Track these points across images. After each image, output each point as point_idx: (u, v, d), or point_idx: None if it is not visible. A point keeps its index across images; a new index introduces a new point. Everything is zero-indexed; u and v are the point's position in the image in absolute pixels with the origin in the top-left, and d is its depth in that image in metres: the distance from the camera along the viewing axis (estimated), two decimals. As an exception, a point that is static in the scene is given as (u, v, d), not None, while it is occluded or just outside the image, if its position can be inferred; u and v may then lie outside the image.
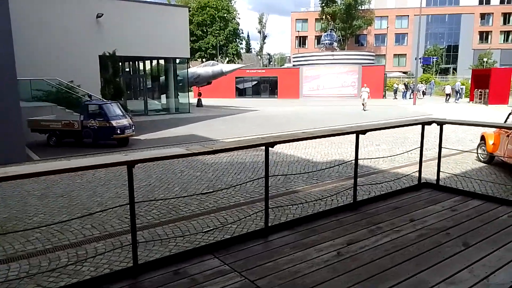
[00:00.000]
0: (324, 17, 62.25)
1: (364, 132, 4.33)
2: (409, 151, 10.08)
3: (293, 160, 10.01)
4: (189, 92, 29.57)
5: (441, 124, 4.90)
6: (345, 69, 37.64)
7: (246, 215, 6.06)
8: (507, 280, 2.62)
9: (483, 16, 65.81)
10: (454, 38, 68.00)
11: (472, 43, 66.24)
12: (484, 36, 66.31)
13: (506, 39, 65.59)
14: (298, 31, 67.02)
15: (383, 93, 37.26)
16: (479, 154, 9.65)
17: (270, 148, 3.50)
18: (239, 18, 65.81)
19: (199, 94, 29.90)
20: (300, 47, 66.26)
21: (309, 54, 43.59)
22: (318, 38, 68.19)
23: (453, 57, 68.30)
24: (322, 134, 4.08)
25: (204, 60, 51.18)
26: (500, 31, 65.35)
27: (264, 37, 72.96)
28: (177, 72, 27.45)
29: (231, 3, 65.65)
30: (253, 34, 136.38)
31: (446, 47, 67.60)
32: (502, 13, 64.94)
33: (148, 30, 20.98)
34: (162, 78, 27.08)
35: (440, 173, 5.00)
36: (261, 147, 3.52)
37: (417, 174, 5.17)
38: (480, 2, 67.22)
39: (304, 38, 69.27)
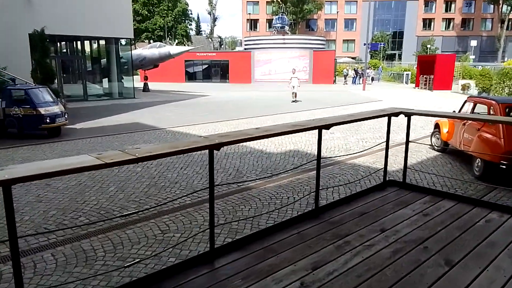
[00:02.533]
0: (275, 0, 61.49)
1: (328, 126, 3.69)
2: (374, 146, 9.74)
3: (245, 152, 9.28)
4: (134, 76, 27.77)
5: (409, 115, 4.37)
6: (296, 54, 37.32)
7: (192, 219, 5.27)
8: None
9: (426, 3, 68.30)
10: (399, 24, 70.19)
11: (416, 30, 68.74)
12: (427, 23, 69.02)
13: (447, 27, 68.70)
14: (250, 14, 65.81)
15: (333, 79, 37.49)
16: (433, 143, 9.49)
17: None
18: (189, -1, 63.23)
19: (145, 78, 28.18)
20: (251, 30, 65.21)
21: (260, 37, 42.76)
22: (270, 22, 67.38)
23: (398, 43, 70.64)
24: (279, 131, 3.38)
25: (151, 41, 48.60)
26: (442, 18, 68.30)
27: (215, 19, 70.99)
28: (121, 54, 25.56)
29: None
30: (203, 16, 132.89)
31: (392, 33, 69.66)
32: (444, 0, 67.74)
33: (85, 7, 19.05)
34: (104, 60, 25.08)
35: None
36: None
37: (375, 166, 4.63)
38: (424, -11, 69.69)
39: (256, 21, 68.23)
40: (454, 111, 8.90)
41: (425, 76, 29.65)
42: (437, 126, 9.35)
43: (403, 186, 4.45)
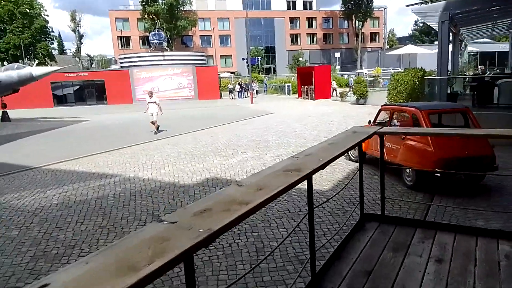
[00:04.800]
0: (146, 16, 59.11)
1: (322, 167, 2.66)
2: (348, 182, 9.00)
3: (154, 187, 7.74)
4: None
5: (381, 135, 3.65)
6: (179, 70, 35.98)
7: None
8: None
9: (291, 20, 73.71)
10: (270, 40, 74.18)
11: (285, 45, 73.53)
12: (294, 38, 74.41)
13: (312, 41, 75.09)
14: (121, 30, 61.99)
15: (219, 94, 37.14)
16: (349, 153, 9.31)
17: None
18: (47, 15, 56.39)
19: (4, 106, 23.59)
20: (124, 47, 61.41)
21: (138, 54, 40.17)
22: (143, 38, 64.55)
23: (271, 57, 74.52)
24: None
25: (5, 63, 41.78)
26: (307, 34, 74.44)
27: (81, 37, 64.82)
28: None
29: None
30: (65, 35, 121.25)
31: (265, 48, 73.21)
32: (306, 17, 74.04)
33: None
34: None
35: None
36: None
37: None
38: (288, 7, 75.17)
39: (128, 38, 64.63)
40: (369, 121, 8.82)
41: (305, 86, 31.24)
42: (352, 136, 9.18)
43: (382, 220, 3.69)
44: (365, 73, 34.66)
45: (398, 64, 47.30)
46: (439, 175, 6.33)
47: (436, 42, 50.68)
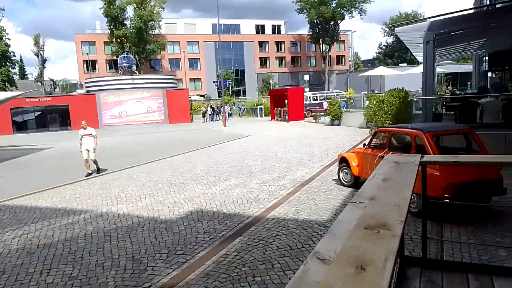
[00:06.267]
0: (114, 40, 57.95)
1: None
2: (288, 189, 8.42)
3: (130, 225, 6.84)
4: None
5: (424, 164, 3.08)
6: (148, 94, 34.94)
7: None
8: None
9: (260, 44, 74.60)
10: (240, 63, 74.54)
11: (255, 67, 74.07)
12: (263, 62, 75.16)
13: (280, 64, 76.07)
14: (87, 54, 60.35)
15: (190, 117, 36.28)
16: (341, 178, 8.79)
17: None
18: (9, 39, 53.93)
19: (-44, 134, 21.76)
20: (90, 71, 59.67)
21: (105, 78, 38.83)
22: (110, 62, 63.11)
23: (241, 80, 74.70)
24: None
25: (-41, 88, 39.24)
26: (275, 57, 75.41)
27: (44, 61, 62.42)
28: None
29: (-7, 20, 53.49)
30: (28, 60, 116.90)
31: (235, 71, 73.37)
32: (275, 41, 75.16)
33: None
34: None
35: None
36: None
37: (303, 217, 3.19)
38: (257, 31, 76.16)
39: (94, 62, 63.02)
40: (364, 144, 8.36)
41: (279, 108, 31.01)
42: (344, 160, 8.68)
43: (427, 265, 3.08)
44: (336, 95, 35.04)
45: (366, 86, 48.35)
46: (448, 201, 5.85)
47: (402, 65, 52.42)
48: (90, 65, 61.88)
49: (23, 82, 68.32)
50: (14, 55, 56.43)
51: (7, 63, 54.18)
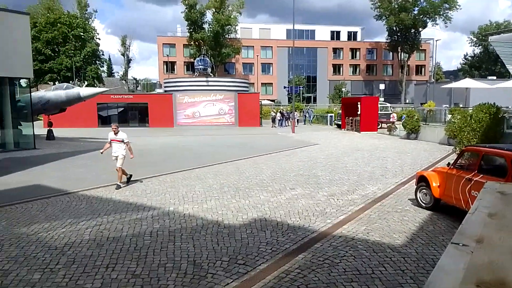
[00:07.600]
0: (192, 42, 60.64)
1: None
2: (356, 205, 7.92)
3: (194, 227, 6.84)
4: (37, 121, 23.53)
5: None
6: (221, 96, 35.85)
7: None
8: None
9: (335, 50, 73.21)
10: (312, 69, 73.79)
11: (327, 74, 72.84)
12: (337, 68, 73.63)
13: (354, 72, 73.97)
14: (167, 55, 63.85)
15: (259, 121, 36.52)
16: (419, 199, 8.03)
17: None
18: (99, 39, 59.08)
19: (49, 124, 24.01)
20: (169, 72, 63.04)
21: (182, 79, 40.69)
22: (188, 64, 66.12)
23: (312, 86, 73.88)
24: None
25: (56, 83, 43.62)
26: (350, 64, 73.50)
27: (129, 61, 67.48)
28: (18, 96, 21.50)
29: (88, 22, 58.85)
30: (115, 59, 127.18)
31: (306, 77, 72.79)
32: (350, 48, 73.29)
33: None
34: (-6, 104, 20.64)
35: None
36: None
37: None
38: (332, 38, 74.86)
39: (173, 63, 66.50)
40: (448, 163, 7.56)
41: (350, 117, 29.95)
42: (423, 179, 7.93)
43: None
44: (382, 107, 33.39)
45: (447, 99, 45.02)
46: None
47: (490, 77, 47.86)
48: (170, 66, 65.36)
49: (110, 79, 74.21)
50: (103, 54, 61.65)
51: (97, 62, 59.26)
